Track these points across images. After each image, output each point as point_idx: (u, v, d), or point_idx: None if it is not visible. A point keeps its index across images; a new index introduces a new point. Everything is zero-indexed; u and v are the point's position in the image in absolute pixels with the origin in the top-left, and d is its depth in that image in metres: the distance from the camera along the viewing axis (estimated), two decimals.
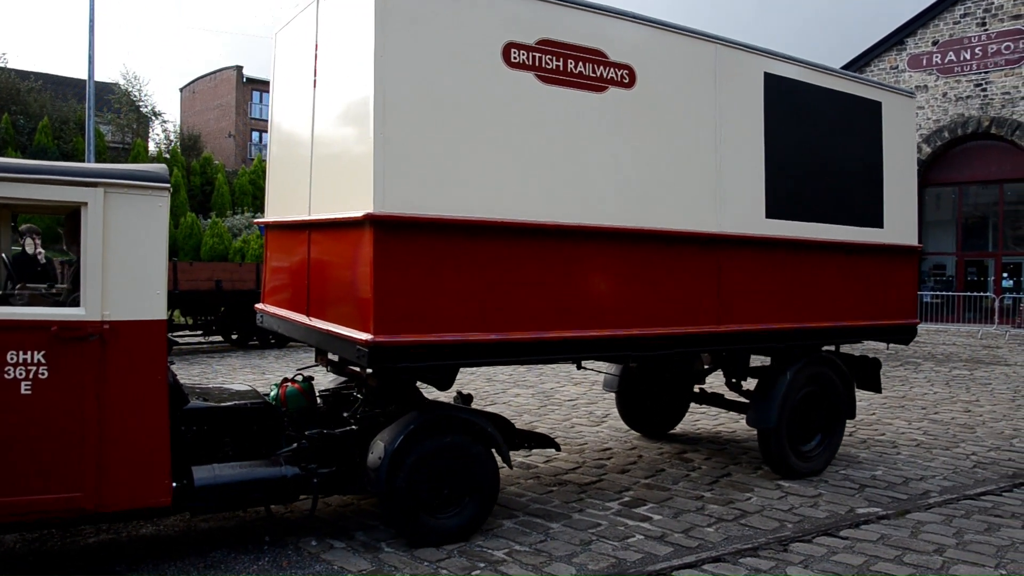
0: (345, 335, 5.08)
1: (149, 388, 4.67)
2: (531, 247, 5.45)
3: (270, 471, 5.17)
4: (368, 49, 4.90)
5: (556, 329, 5.56)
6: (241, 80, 53.56)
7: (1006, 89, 25.88)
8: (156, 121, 40.87)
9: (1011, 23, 25.81)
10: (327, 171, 5.65)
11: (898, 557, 5.24)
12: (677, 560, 5.12)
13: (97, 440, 4.51)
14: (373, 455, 5.18)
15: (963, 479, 7.23)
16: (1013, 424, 9.84)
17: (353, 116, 5.23)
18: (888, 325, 7.81)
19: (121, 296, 4.59)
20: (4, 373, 4.33)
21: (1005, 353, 18.07)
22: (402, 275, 4.93)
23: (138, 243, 4.66)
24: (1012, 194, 27.17)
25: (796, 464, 7.12)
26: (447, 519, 5.37)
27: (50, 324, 4.43)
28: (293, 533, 5.51)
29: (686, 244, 6.25)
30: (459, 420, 5.48)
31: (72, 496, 4.47)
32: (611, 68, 5.76)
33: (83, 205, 4.54)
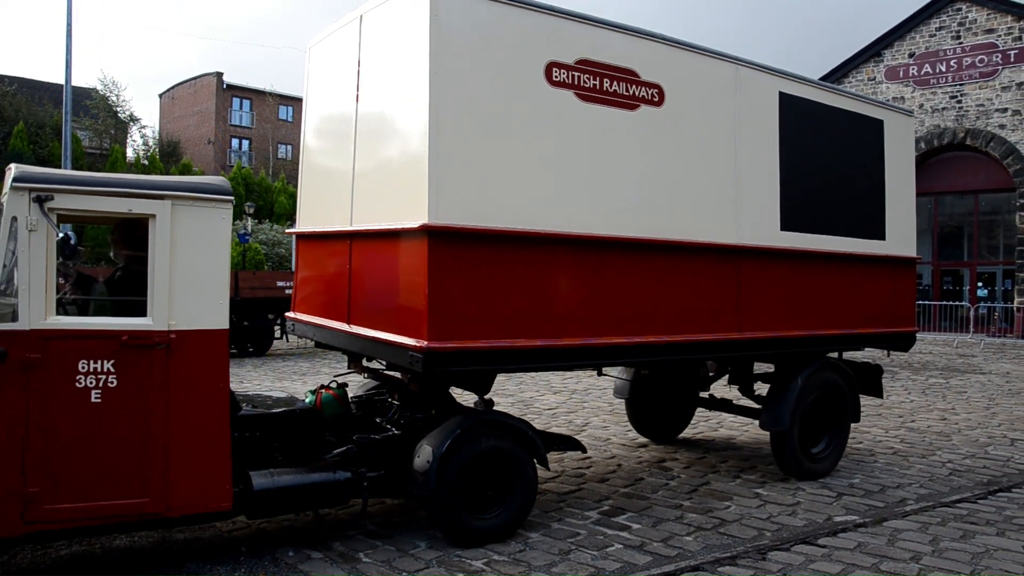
0: (398, 342, 5.23)
1: (212, 395, 4.80)
2: (572, 257, 5.70)
3: (324, 475, 5.34)
4: (423, 67, 5.09)
5: (597, 336, 5.78)
6: (221, 86, 53.36)
7: (980, 101, 26.25)
8: (134, 127, 40.55)
9: (984, 37, 26.20)
10: (373, 183, 5.81)
11: (875, 565, 5.27)
12: (656, 569, 5.11)
13: (163, 447, 4.63)
14: (420, 458, 5.33)
15: (939, 487, 7.28)
16: (988, 432, 9.93)
17: (405, 131, 5.38)
18: (889, 332, 8.14)
19: (186, 306, 4.72)
20: (75, 382, 4.44)
21: (980, 362, 18.27)
22: (454, 283, 5.12)
23: (202, 254, 4.79)
24: (987, 204, 27.55)
25: (808, 466, 7.40)
26: (490, 519, 5.55)
27: (121, 333, 4.55)
28: (270, 544, 5.47)
29: (709, 255, 6.52)
30: (502, 424, 5.68)
31: (140, 502, 4.60)
32: (642, 87, 6.02)
33: (151, 217, 4.67)
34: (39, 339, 4.39)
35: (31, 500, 4.36)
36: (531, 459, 5.74)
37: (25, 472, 4.35)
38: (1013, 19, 25.75)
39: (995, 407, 11.91)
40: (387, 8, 5.65)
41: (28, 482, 4.35)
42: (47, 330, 4.42)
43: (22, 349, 4.34)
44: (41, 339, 4.40)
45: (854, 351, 8.33)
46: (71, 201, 4.55)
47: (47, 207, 4.42)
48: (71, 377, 4.44)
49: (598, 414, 10.44)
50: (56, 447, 4.43)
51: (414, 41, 5.23)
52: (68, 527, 4.54)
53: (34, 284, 4.41)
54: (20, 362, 4.34)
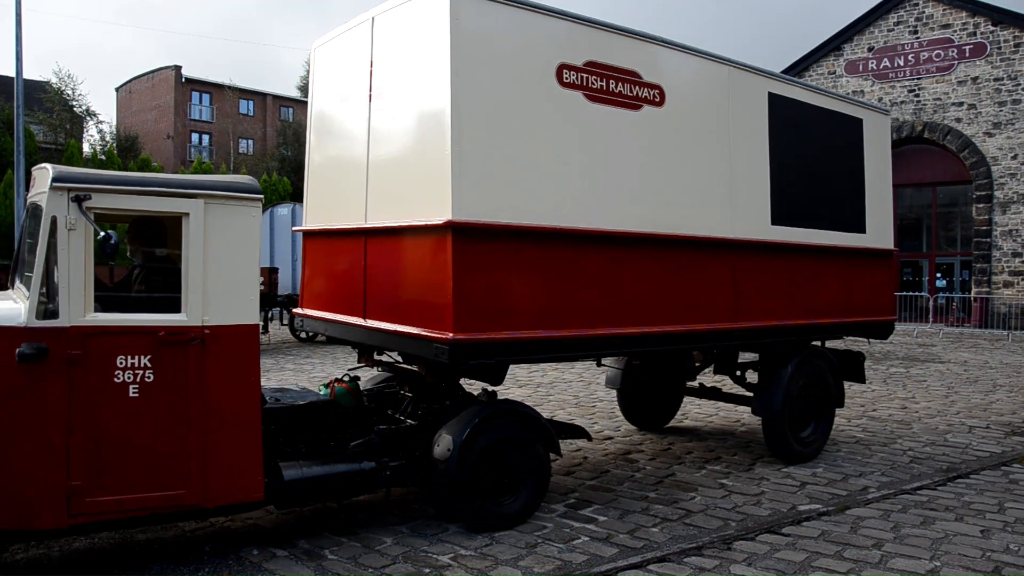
0: (421, 334, 5.40)
1: (244, 389, 4.92)
2: (584, 251, 5.92)
3: (350, 466, 5.48)
4: (444, 68, 5.26)
5: (606, 326, 6.02)
6: (180, 80, 52.54)
7: (937, 95, 26.68)
8: (91, 121, 39.79)
9: (940, 32, 26.63)
10: (389, 181, 5.94)
11: (838, 552, 5.33)
12: (623, 561, 5.13)
13: (198, 439, 4.75)
14: (440, 447, 5.51)
15: (900, 474, 7.40)
16: (947, 420, 10.11)
17: (425, 130, 5.52)
18: (870, 321, 8.53)
19: (219, 302, 4.83)
20: (114, 377, 4.55)
21: (939, 351, 18.60)
22: (476, 277, 5.32)
23: (234, 251, 4.91)
24: (944, 196, 28.04)
25: (797, 449, 7.73)
26: (506, 505, 5.76)
27: (158, 329, 4.66)
28: (234, 543, 5.39)
29: (708, 248, 6.81)
30: (517, 413, 5.90)
31: (177, 493, 4.71)
32: (645, 88, 6.27)
33: (184, 216, 4.77)
34: (79, 336, 4.48)
35: (74, 493, 4.46)
36: (545, 447, 5.95)
37: (68, 466, 4.45)
38: (968, 15, 26.20)
39: (954, 395, 12.13)
40: (403, 11, 5.79)
41: (71, 476, 4.45)
42: (87, 327, 4.51)
43: (63, 346, 4.43)
44: (81, 336, 4.48)
45: (836, 339, 8.66)
46: (108, 200, 4.64)
47: (85, 206, 4.52)
48: (110, 372, 4.55)
49: (563, 407, 10.45)
50: (97, 441, 4.53)
51: (434, 43, 5.38)
52: (110, 519, 4.64)
53: (73, 282, 4.50)
54: (61, 359, 4.43)
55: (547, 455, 5.99)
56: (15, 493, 4.36)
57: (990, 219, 25.88)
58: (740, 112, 7.08)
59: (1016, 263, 25.42)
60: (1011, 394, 12.37)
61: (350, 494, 5.64)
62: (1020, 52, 25.30)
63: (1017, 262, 25.41)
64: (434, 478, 5.54)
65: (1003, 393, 12.47)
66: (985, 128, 25.82)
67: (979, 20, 26.04)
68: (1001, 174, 25.63)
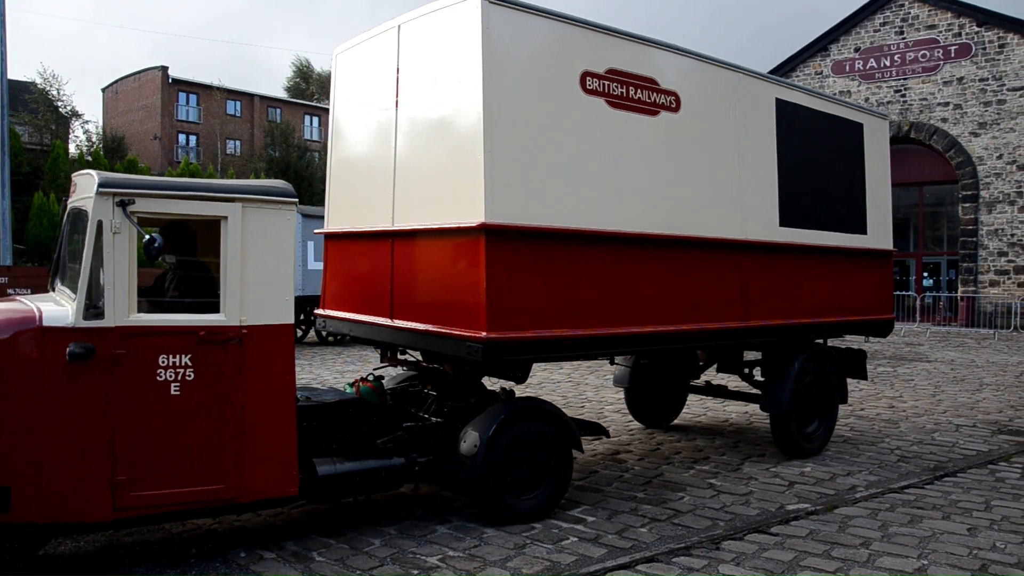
0: (453, 333, 5.55)
1: (280, 387, 5.07)
2: (608, 253, 6.12)
3: (381, 462, 5.65)
4: (476, 75, 5.43)
5: (627, 325, 6.23)
6: (167, 81, 52.28)
7: (923, 95, 26.83)
8: (76, 122, 39.50)
9: (926, 32, 26.78)
10: (417, 185, 6.06)
11: (826, 552, 5.34)
12: (611, 561, 5.12)
13: (236, 436, 4.90)
14: (467, 443, 5.68)
15: (888, 473, 7.42)
16: (934, 419, 10.16)
17: (457, 135, 5.66)
18: (871, 320, 8.81)
19: (256, 302, 4.99)
20: (156, 376, 4.71)
21: (926, 350, 18.69)
22: (507, 278, 5.49)
23: (270, 253, 5.06)
24: (931, 196, 28.19)
25: (804, 445, 7.97)
26: (529, 500, 5.90)
27: (198, 329, 4.82)
28: (221, 545, 5.36)
29: (722, 250, 7.03)
30: (541, 410, 6.07)
31: (216, 488, 4.87)
32: (662, 94, 6.48)
33: (223, 219, 4.92)
34: (123, 335, 4.63)
35: (119, 488, 4.61)
36: (567, 443, 6.09)
37: (113, 461, 4.60)
38: (953, 15, 26.36)
39: (941, 394, 12.19)
40: (432, 19, 5.94)
41: (116, 471, 4.61)
42: (130, 327, 4.67)
43: (108, 345, 4.58)
44: (125, 335, 4.64)
45: (837, 338, 8.88)
46: (151, 204, 4.79)
47: (129, 210, 4.67)
48: (152, 371, 4.71)
49: None
50: (140, 437, 4.68)
51: (466, 51, 5.54)
52: (152, 513, 4.80)
53: (118, 283, 4.65)
54: (106, 358, 4.58)
55: (569, 452, 6.11)
56: (64, 487, 4.51)
57: (976, 218, 26.04)
58: (749, 117, 7.32)
59: (1002, 262, 25.58)
60: (997, 393, 12.44)
61: (380, 489, 5.76)
62: (1005, 53, 25.47)
63: (1003, 261, 25.57)
64: (461, 473, 5.67)
65: (989, 392, 12.54)
66: (971, 128, 25.97)
67: (964, 21, 26.20)
68: (987, 174, 25.79)
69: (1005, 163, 25.49)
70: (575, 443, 6.17)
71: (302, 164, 45.00)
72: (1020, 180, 25.29)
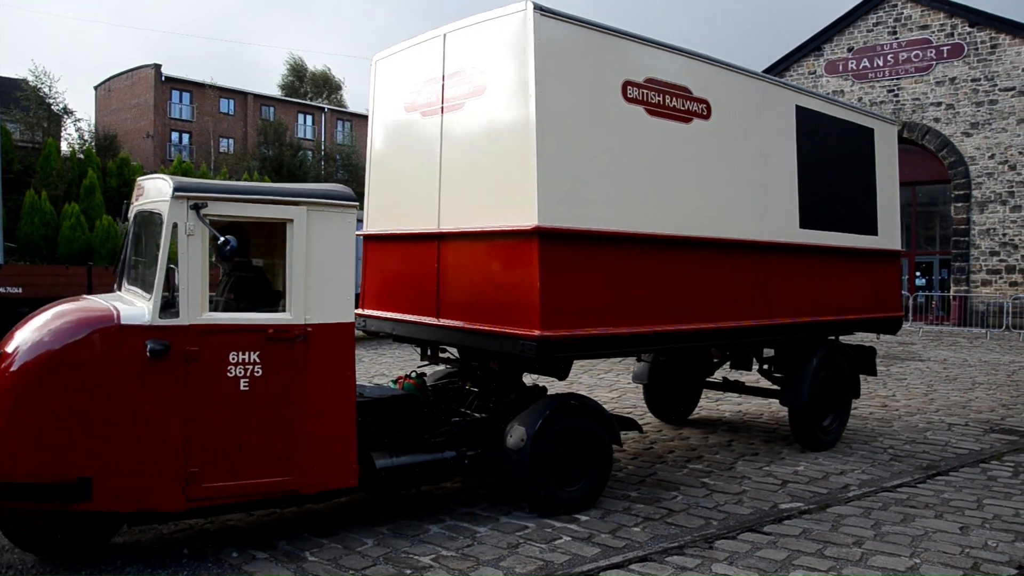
0: (507, 332, 5.78)
1: (342, 383, 5.30)
2: (650, 254, 6.44)
3: (434, 455, 5.88)
4: (529, 84, 5.66)
5: (664, 323, 6.54)
6: (160, 79, 52.05)
7: (916, 95, 26.89)
8: (69, 120, 39.29)
9: (919, 32, 26.83)
10: (465, 188, 6.29)
11: (819, 551, 5.35)
12: (604, 561, 5.12)
13: (302, 429, 5.11)
14: (513, 438, 5.90)
15: (880, 472, 7.44)
16: (927, 417, 10.18)
17: (507, 141, 5.89)
18: (881, 318, 9.21)
19: (319, 302, 5.20)
20: (227, 372, 4.93)
21: (919, 349, 18.74)
22: (558, 278, 5.73)
23: (333, 254, 5.28)
24: (924, 196, 28.24)
25: (820, 437, 8.31)
26: (573, 491, 6.11)
27: (267, 327, 5.04)
28: (213, 544, 5.34)
29: (748, 251, 7.37)
30: (584, 406, 6.29)
31: (283, 479, 5.08)
32: (694, 102, 6.79)
33: (289, 222, 5.15)
34: (197, 333, 4.86)
35: (191, 479, 4.84)
36: (607, 437, 6.31)
37: (187, 454, 4.82)
38: (946, 16, 26.42)
39: (933, 393, 12.22)
40: (480, 29, 6.17)
41: (189, 463, 4.83)
42: (203, 325, 4.89)
43: (183, 343, 4.81)
44: (198, 333, 4.86)
45: (848, 335, 9.20)
46: (222, 208, 5.01)
47: (202, 213, 4.88)
48: (223, 367, 4.92)
49: None
50: (211, 431, 4.90)
51: (518, 60, 5.78)
52: (222, 503, 5.02)
53: (192, 283, 4.86)
54: (181, 354, 4.80)
55: (609, 445, 6.33)
56: (140, 478, 4.73)
57: (968, 218, 26.10)
58: (772, 124, 7.68)
59: (994, 262, 25.65)
60: (989, 392, 12.47)
61: (432, 481, 6.02)
62: (996, 53, 25.53)
63: (995, 261, 25.64)
64: (508, 466, 5.90)
65: (982, 391, 12.57)
66: (963, 128, 26.03)
67: (956, 21, 26.26)
68: (979, 173, 25.86)
69: (997, 163, 25.56)
70: (615, 437, 6.39)
71: (295, 163, 44.92)
72: (1012, 180, 25.37)
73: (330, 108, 59.93)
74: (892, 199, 9.32)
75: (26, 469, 4.58)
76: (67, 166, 28.40)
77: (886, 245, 9.16)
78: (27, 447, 4.60)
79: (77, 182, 27.21)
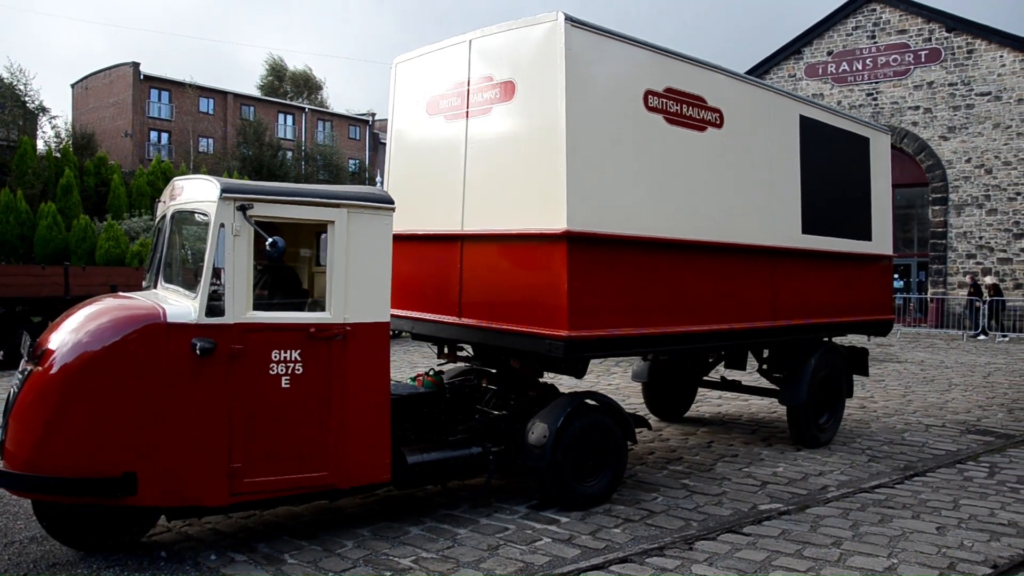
0: (534, 332, 5.97)
1: (377, 380, 5.43)
2: (664, 258, 6.66)
3: (462, 451, 6.05)
4: (559, 91, 5.84)
5: (681, 324, 6.80)
6: (138, 77, 51.60)
7: (894, 99, 27.14)
8: (44, 117, 38.86)
9: (897, 37, 27.09)
10: (491, 191, 6.44)
11: (798, 551, 5.38)
12: (584, 562, 5.12)
13: (340, 425, 5.24)
14: (535, 434, 6.08)
15: (859, 473, 7.49)
16: (904, 419, 10.27)
17: (536, 146, 6.06)
18: (874, 320, 9.52)
19: (358, 301, 5.33)
20: (269, 370, 5.03)
21: (897, 351, 18.90)
22: (585, 280, 5.92)
23: (371, 255, 5.41)
24: (901, 199, 28.45)
25: (817, 435, 8.59)
26: (590, 486, 6.30)
27: (308, 326, 5.16)
28: (191, 547, 5.30)
29: (757, 255, 7.65)
30: (604, 404, 6.54)
31: (320, 474, 5.21)
32: (708, 111, 7.03)
33: (330, 223, 5.28)
34: (241, 332, 4.96)
35: (235, 474, 4.94)
36: (623, 433, 6.54)
37: (230, 449, 4.92)
38: (923, 21, 26.69)
39: (911, 395, 12.33)
40: (510, 37, 6.34)
41: (232, 458, 4.93)
42: (247, 323, 5.00)
43: (227, 341, 4.91)
44: (242, 331, 4.97)
45: (842, 336, 9.47)
46: (267, 209, 5.13)
47: (248, 214, 4.99)
48: (266, 365, 5.03)
49: None
50: (253, 427, 5.00)
51: (548, 68, 5.94)
52: (263, 498, 5.15)
53: (237, 283, 4.97)
54: (225, 352, 4.90)
55: (625, 442, 6.55)
56: (185, 473, 4.84)
57: (946, 221, 26.38)
58: (779, 133, 7.96)
59: (970, 264, 25.93)
60: (966, 393, 12.60)
61: (459, 476, 6.14)
62: (973, 59, 25.82)
63: (971, 263, 25.92)
64: (531, 461, 6.07)
65: (958, 392, 12.70)
66: (940, 132, 26.31)
67: (934, 26, 26.53)
68: (956, 177, 26.13)
69: (974, 167, 25.84)
70: (630, 435, 6.62)
71: (275, 163, 44.65)
72: (988, 184, 25.66)
73: (311, 108, 59.67)
74: (885, 206, 9.66)
75: (73, 464, 4.68)
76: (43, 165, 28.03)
77: (880, 250, 9.50)
78: (74, 442, 4.70)
79: (53, 181, 26.85)
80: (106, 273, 15.31)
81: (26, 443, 4.72)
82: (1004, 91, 25.33)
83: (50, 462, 4.67)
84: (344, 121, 61.68)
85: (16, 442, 4.77)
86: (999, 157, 25.45)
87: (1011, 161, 25.28)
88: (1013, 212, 25.33)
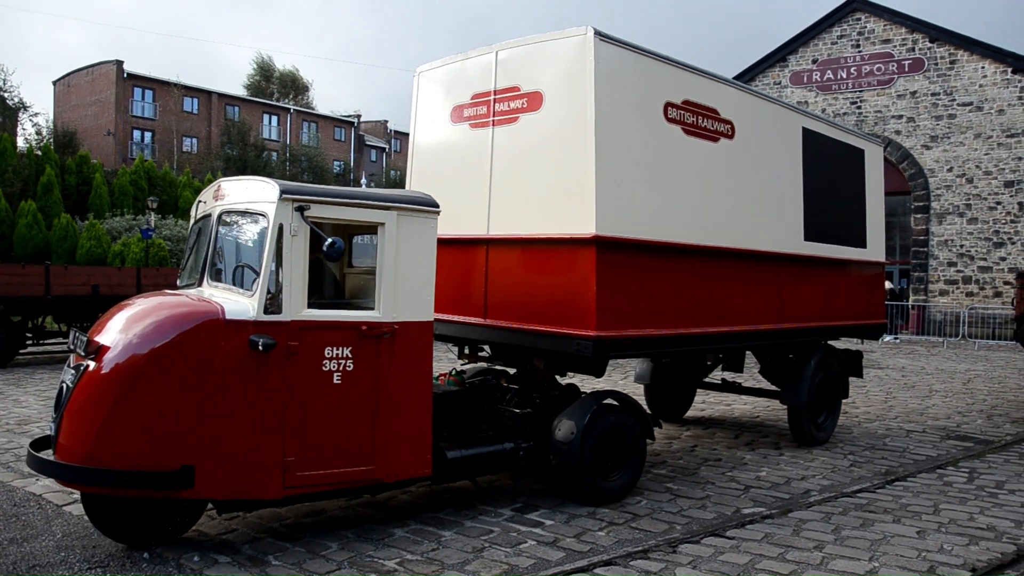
0: (562, 332, 6.20)
1: (421, 377, 5.59)
2: (683, 262, 6.95)
3: (495, 447, 6.24)
4: (588, 103, 6.08)
5: (701, 326, 7.13)
6: (122, 76, 51.29)
7: (878, 107, 27.38)
8: (24, 115, 38.51)
9: (881, 46, 27.33)
10: (517, 196, 6.65)
11: (781, 555, 5.41)
12: (569, 565, 5.13)
13: (386, 421, 5.39)
14: (562, 431, 6.31)
15: (841, 477, 7.54)
16: (886, 424, 10.35)
17: (565, 154, 6.28)
18: (867, 324, 9.91)
19: (405, 301, 5.50)
20: (322, 366, 5.17)
21: (879, 357, 19.04)
22: (611, 283, 6.17)
23: (418, 256, 5.59)
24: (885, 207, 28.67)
25: (816, 434, 8.97)
26: (612, 482, 6.54)
27: (360, 324, 5.31)
28: (174, 549, 5.26)
29: (766, 261, 7.98)
30: (626, 402, 6.78)
31: (367, 469, 5.35)
32: (721, 123, 7.33)
33: (381, 225, 5.46)
34: (296, 329, 5.10)
35: (288, 468, 5.07)
36: (643, 431, 6.81)
37: (284, 444, 5.05)
38: (907, 31, 26.94)
39: (892, 400, 12.42)
40: (538, 49, 6.57)
41: (286, 452, 5.06)
42: (303, 321, 5.13)
43: (284, 338, 5.04)
44: (298, 329, 5.10)
45: (837, 339, 9.69)
46: (323, 211, 5.27)
47: (305, 215, 5.13)
48: (319, 362, 5.17)
49: None
50: (306, 422, 5.14)
51: (577, 80, 6.17)
52: (315, 491, 5.27)
53: (295, 281, 5.11)
54: (282, 349, 5.03)
55: (644, 439, 6.81)
56: (241, 467, 4.94)
57: (927, 229, 26.62)
58: (784, 144, 8.30)
59: (951, 272, 26.17)
60: (946, 399, 12.71)
61: (493, 471, 6.41)
62: (955, 69, 26.09)
63: (952, 271, 26.16)
64: (558, 458, 6.29)
65: (939, 398, 12.81)
66: (923, 141, 26.56)
67: (917, 36, 26.80)
68: (938, 186, 26.38)
69: (955, 176, 26.10)
70: (649, 432, 6.87)
71: (259, 163, 44.50)
72: (969, 193, 25.92)
73: (296, 109, 59.49)
74: (878, 214, 10.07)
75: (132, 457, 4.76)
76: (24, 162, 27.76)
77: (873, 257, 9.89)
78: (134, 436, 4.78)
79: (34, 179, 26.61)
80: (88, 273, 15.15)
81: (84, 437, 4.78)
82: (985, 102, 25.62)
83: (109, 455, 4.74)
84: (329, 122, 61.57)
85: (72, 436, 4.82)
86: (980, 167, 25.73)
87: (991, 171, 25.56)
88: (993, 221, 25.61)
